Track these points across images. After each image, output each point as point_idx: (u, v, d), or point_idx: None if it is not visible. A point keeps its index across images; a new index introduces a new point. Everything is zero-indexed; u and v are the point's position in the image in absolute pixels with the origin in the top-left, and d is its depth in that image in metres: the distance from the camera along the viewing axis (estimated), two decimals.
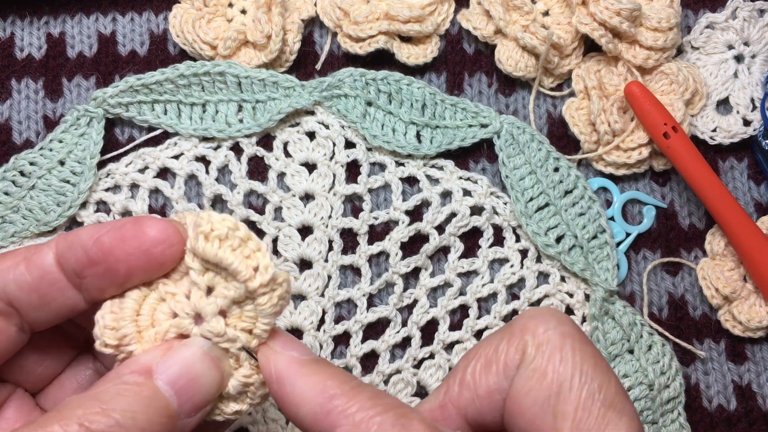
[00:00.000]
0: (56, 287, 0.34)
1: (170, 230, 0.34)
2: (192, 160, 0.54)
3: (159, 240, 0.33)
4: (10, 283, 0.34)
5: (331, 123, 0.55)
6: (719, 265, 0.54)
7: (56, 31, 0.57)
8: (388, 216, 0.54)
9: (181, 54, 0.56)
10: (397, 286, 0.53)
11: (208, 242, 0.33)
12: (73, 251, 0.34)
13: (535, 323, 0.33)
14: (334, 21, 0.55)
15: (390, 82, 0.55)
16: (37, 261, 0.34)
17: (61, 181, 0.53)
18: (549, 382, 0.32)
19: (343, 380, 0.32)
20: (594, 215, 0.54)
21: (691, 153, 0.52)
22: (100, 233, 0.34)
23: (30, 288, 0.34)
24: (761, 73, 0.56)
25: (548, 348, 0.32)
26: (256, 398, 0.35)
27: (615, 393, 0.32)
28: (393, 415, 0.31)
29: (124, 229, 0.33)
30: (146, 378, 0.32)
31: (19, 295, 0.34)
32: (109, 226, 0.34)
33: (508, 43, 0.55)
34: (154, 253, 0.33)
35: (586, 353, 0.32)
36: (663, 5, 0.55)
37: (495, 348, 0.34)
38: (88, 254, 0.33)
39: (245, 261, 0.33)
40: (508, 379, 0.33)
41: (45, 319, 0.35)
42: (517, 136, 0.55)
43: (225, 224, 0.33)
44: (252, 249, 0.33)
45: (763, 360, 0.54)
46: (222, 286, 0.34)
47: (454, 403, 0.35)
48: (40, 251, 0.34)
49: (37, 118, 0.56)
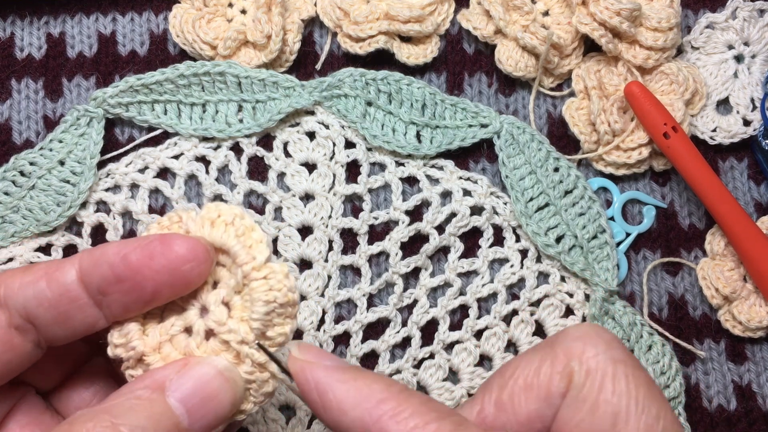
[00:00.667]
0: (77, 304, 0.34)
1: (199, 248, 0.33)
2: (192, 160, 0.54)
3: (187, 258, 0.33)
4: (30, 299, 0.33)
5: (331, 123, 0.55)
6: (719, 265, 0.54)
7: (56, 31, 0.57)
8: (388, 216, 0.54)
9: (181, 54, 0.56)
10: (397, 286, 0.53)
11: (213, 228, 0.34)
12: (98, 268, 0.33)
13: (581, 346, 0.31)
14: (334, 21, 0.55)
15: (390, 82, 0.55)
16: (58, 277, 0.33)
17: (61, 181, 0.53)
18: (602, 414, 0.30)
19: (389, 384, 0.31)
20: (594, 215, 0.54)
21: (691, 153, 0.52)
22: (127, 250, 0.33)
23: (50, 304, 0.33)
24: (761, 73, 0.56)
25: (599, 376, 0.30)
26: (259, 397, 0.35)
27: (672, 421, 0.30)
28: (450, 423, 0.29)
29: (152, 246, 0.33)
30: (158, 394, 0.32)
31: (39, 312, 0.33)
32: (136, 243, 0.33)
33: (508, 43, 0.55)
34: (183, 271, 0.33)
35: (640, 380, 0.30)
36: (663, 5, 0.55)
37: (536, 371, 0.32)
38: (115, 271, 0.33)
39: (247, 248, 0.34)
40: (551, 407, 0.31)
41: (63, 335, 0.35)
42: (517, 136, 0.55)
43: (232, 211, 0.34)
44: (255, 239, 0.34)
45: (763, 360, 0.54)
46: (226, 277, 0.34)
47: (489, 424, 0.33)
48: (62, 267, 0.34)
49: (37, 118, 0.56)
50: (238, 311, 0.34)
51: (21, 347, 0.34)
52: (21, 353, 0.34)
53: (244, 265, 0.34)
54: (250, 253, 0.34)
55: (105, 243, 0.35)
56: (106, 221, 0.54)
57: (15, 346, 0.34)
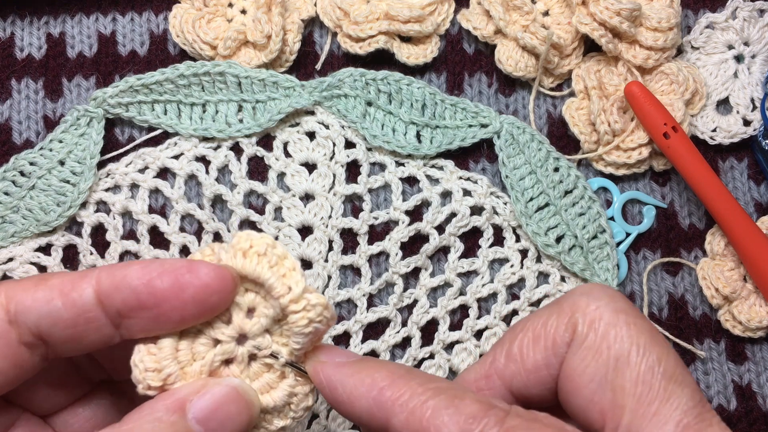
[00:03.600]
0: (94, 325, 0.33)
1: (227, 278, 0.33)
2: (192, 160, 0.54)
3: (216, 289, 0.33)
4: (44, 318, 0.32)
5: (331, 123, 0.55)
6: (719, 265, 0.54)
7: (56, 31, 0.57)
8: (388, 216, 0.54)
9: (181, 54, 0.56)
10: (397, 286, 0.53)
11: (246, 258, 0.33)
12: (120, 293, 0.32)
13: (585, 300, 0.33)
14: (334, 21, 0.55)
15: (390, 82, 0.55)
16: (75, 298, 0.32)
17: (61, 181, 0.53)
18: (605, 359, 0.31)
19: (392, 371, 0.32)
20: (594, 215, 0.54)
21: (691, 153, 0.52)
22: (152, 276, 0.32)
23: (66, 325, 0.32)
24: (761, 73, 0.56)
25: (601, 324, 0.32)
26: (299, 411, 0.35)
27: (675, 365, 0.31)
28: (446, 397, 0.31)
29: (179, 274, 0.32)
30: (180, 416, 0.32)
31: (53, 331, 0.32)
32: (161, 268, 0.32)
33: (508, 43, 0.55)
34: (210, 302, 0.33)
35: (641, 327, 0.32)
36: (663, 5, 0.55)
37: (543, 323, 0.34)
38: (139, 298, 0.32)
39: (281, 278, 0.34)
40: (557, 356, 0.33)
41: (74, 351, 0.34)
42: (517, 136, 0.55)
43: (264, 241, 0.34)
44: (288, 267, 0.34)
45: (763, 360, 0.54)
46: (262, 306, 0.34)
47: (500, 374, 0.35)
48: (79, 287, 0.32)
49: (37, 118, 0.56)
50: (277, 336, 0.35)
51: (29, 362, 0.33)
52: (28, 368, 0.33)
53: (280, 297, 0.34)
54: (285, 285, 0.34)
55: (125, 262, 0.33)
56: (106, 221, 0.54)
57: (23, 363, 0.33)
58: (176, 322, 0.33)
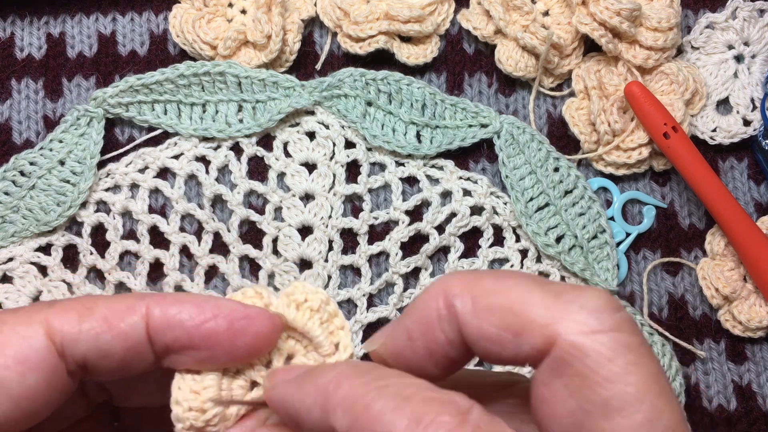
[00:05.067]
0: (141, 358, 0.32)
1: (279, 327, 0.33)
2: (192, 160, 0.54)
3: (268, 338, 0.33)
4: (93, 351, 0.31)
5: (331, 123, 0.55)
6: (719, 265, 0.54)
7: (56, 31, 0.57)
8: (388, 216, 0.54)
9: (181, 54, 0.56)
10: (397, 286, 0.53)
11: (299, 311, 0.34)
12: (172, 331, 0.32)
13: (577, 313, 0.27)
14: (334, 21, 0.55)
15: (390, 82, 0.55)
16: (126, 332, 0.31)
17: (61, 180, 0.53)
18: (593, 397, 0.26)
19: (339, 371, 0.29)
20: (594, 215, 0.54)
21: (691, 153, 0.52)
22: (206, 318, 0.32)
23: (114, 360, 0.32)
24: (761, 73, 0.56)
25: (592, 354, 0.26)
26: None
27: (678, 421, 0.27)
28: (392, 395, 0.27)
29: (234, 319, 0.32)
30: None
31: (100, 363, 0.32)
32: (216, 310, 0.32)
33: (508, 43, 0.55)
34: (259, 349, 0.33)
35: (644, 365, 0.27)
36: (663, 5, 0.55)
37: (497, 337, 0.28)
38: (192, 340, 0.32)
39: (329, 336, 0.34)
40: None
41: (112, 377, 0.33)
42: (517, 136, 0.55)
43: (318, 297, 0.34)
44: (336, 326, 0.34)
45: (763, 360, 0.54)
46: (301, 355, 0.35)
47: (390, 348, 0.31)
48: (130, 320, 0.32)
49: (37, 118, 0.56)
50: None
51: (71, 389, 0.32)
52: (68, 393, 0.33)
53: (327, 356, 0.34)
54: (332, 343, 0.34)
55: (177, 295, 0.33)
56: (106, 221, 0.54)
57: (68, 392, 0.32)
58: (223, 364, 0.33)
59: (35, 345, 0.31)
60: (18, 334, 0.31)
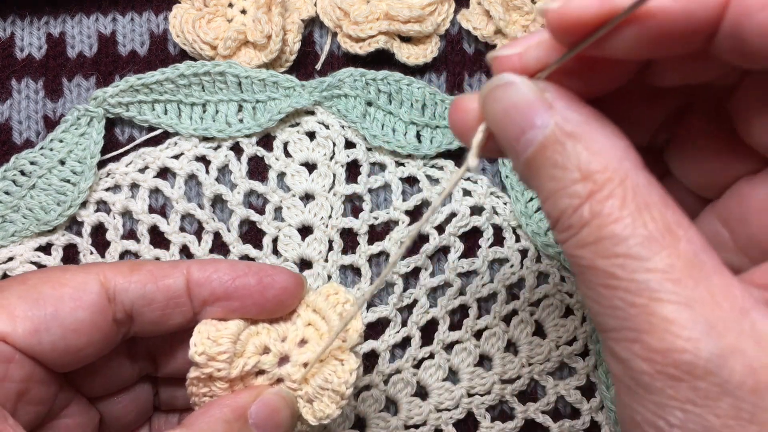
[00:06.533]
0: (180, 310, 0.37)
1: (301, 284, 0.39)
2: (192, 159, 0.54)
3: (293, 293, 0.38)
4: (139, 299, 0.37)
5: (331, 123, 0.55)
6: None
7: (56, 31, 0.57)
8: (388, 216, 0.54)
9: (181, 54, 0.56)
10: (397, 286, 0.53)
11: (326, 300, 0.39)
12: (210, 284, 0.37)
13: None
14: (334, 21, 0.56)
15: (390, 82, 0.55)
16: (168, 284, 0.37)
17: (62, 180, 0.53)
18: None
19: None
20: None
21: None
22: (239, 273, 0.37)
23: (157, 307, 0.37)
24: None
25: None
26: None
27: None
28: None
29: (264, 275, 0.37)
30: (243, 422, 0.36)
31: (144, 311, 0.37)
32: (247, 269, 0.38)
33: None
34: (286, 303, 0.38)
35: None
36: None
37: None
38: (227, 291, 0.37)
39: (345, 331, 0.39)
40: None
41: (154, 331, 0.38)
42: None
43: (346, 296, 0.40)
44: (353, 326, 0.39)
45: None
46: (314, 342, 0.39)
47: None
48: (172, 275, 0.37)
49: (37, 118, 0.56)
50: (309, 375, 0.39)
51: (114, 338, 0.37)
52: (111, 343, 0.37)
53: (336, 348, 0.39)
54: (343, 335, 0.39)
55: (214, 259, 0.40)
56: (107, 221, 0.54)
57: (112, 337, 0.37)
58: (253, 314, 0.38)
59: (89, 288, 0.36)
60: (76, 278, 0.36)
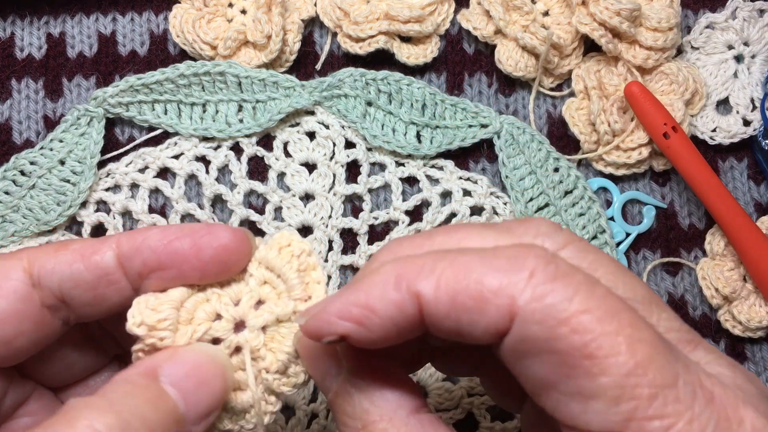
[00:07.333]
0: (115, 287, 0.34)
1: (243, 239, 0.34)
2: (192, 160, 0.54)
3: (234, 249, 0.34)
4: (67, 281, 0.34)
5: (331, 123, 0.55)
6: (719, 265, 0.54)
7: (56, 31, 0.57)
8: (388, 216, 0.54)
9: (181, 54, 0.56)
10: None
11: (279, 254, 0.35)
12: (140, 254, 0.34)
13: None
14: (334, 21, 0.55)
15: (390, 82, 0.55)
16: (96, 260, 0.34)
17: (62, 180, 0.53)
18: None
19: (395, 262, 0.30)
20: (594, 215, 0.54)
21: (691, 153, 0.52)
22: (171, 238, 0.34)
23: (88, 287, 0.34)
24: (761, 73, 0.56)
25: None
26: (249, 423, 0.35)
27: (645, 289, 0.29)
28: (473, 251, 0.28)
29: (198, 236, 0.34)
30: (152, 380, 0.32)
31: (75, 293, 0.34)
32: (180, 231, 0.34)
33: (508, 43, 0.55)
34: (229, 263, 0.34)
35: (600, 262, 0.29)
36: (663, 5, 0.55)
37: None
38: (160, 259, 0.34)
39: (304, 284, 0.35)
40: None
41: (94, 313, 0.35)
42: (517, 136, 0.55)
43: (301, 246, 0.35)
44: (314, 279, 0.35)
45: (763, 360, 0.54)
46: (272, 302, 0.35)
47: None
48: (99, 251, 0.34)
49: (37, 118, 0.56)
50: (268, 338, 0.35)
51: (51, 326, 0.35)
52: (50, 331, 0.35)
53: (296, 300, 0.34)
54: (306, 292, 0.35)
55: (143, 228, 0.35)
56: (106, 221, 0.54)
57: (46, 325, 0.34)
58: (196, 280, 0.34)
59: (10, 275, 0.33)
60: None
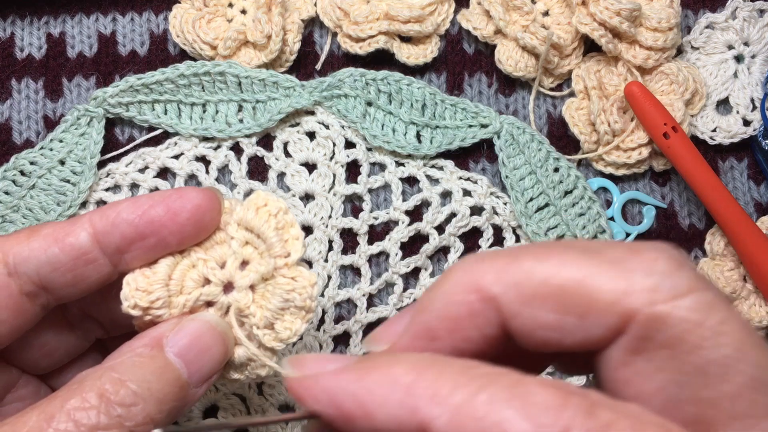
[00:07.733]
0: (93, 266, 0.34)
1: (213, 197, 0.35)
2: (192, 160, 0.54)
3: (207, 208, 0.35)
4: (44, 266, 0.34)
5: (331, 123, 0.55)
6: (719, 265, 0.54)
7: (56, 31, 0.57)
8: (388, 216, 0.54)
9: (181, 54, 0.56)
10: (397, 286, 0.53)
11: (257, 215, 0.36)
12: (117, 228, 0.34)
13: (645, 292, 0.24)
14: (334, 21, 0.55)
15: (390, 82, 0.55)
16: (71, 242, 0.34)
17: (62, 180, 0.53)
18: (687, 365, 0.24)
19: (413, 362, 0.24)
20: (594, 215, 0.54)
21: (691, 153, 0.52)
22: (144, 208, 0.34)
23: (66, 269, 0.34)
24: (761, 73, 0.56)
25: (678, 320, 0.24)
26: (252, 374, 0.37)
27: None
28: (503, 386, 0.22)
29: (170, 201, 0.34)
30: (158, 350, 0.33)
31: (54, 276, 0.34)
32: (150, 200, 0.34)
33: (508, 43, 0.55)
34: (204, 222, 0.35)
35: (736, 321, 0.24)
36: (663, 5, 0.55)
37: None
38: (137, 230, 0.34)
39: (283, 242, 0.36)
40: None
41: (74, 294, 0.35)
42: (517, 136, 0.55)
43: (277, 204, 0.36)
44: (292, 235, 0.36)
45: None
46: (257, 262, 0.36)
47: None
48: (73, 232, 0.34)
49: (37, 118, 0.56)
50: (257, 296, 0.36)
51: (30, 312, 0.35)
52: (30, 317, 0.35)
53: (277, 258, 0.36)
54: (285, 248, 0.36)
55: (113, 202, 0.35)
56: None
57: (25, 312, 0.35)
58: (176, 245, 0.35)
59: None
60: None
